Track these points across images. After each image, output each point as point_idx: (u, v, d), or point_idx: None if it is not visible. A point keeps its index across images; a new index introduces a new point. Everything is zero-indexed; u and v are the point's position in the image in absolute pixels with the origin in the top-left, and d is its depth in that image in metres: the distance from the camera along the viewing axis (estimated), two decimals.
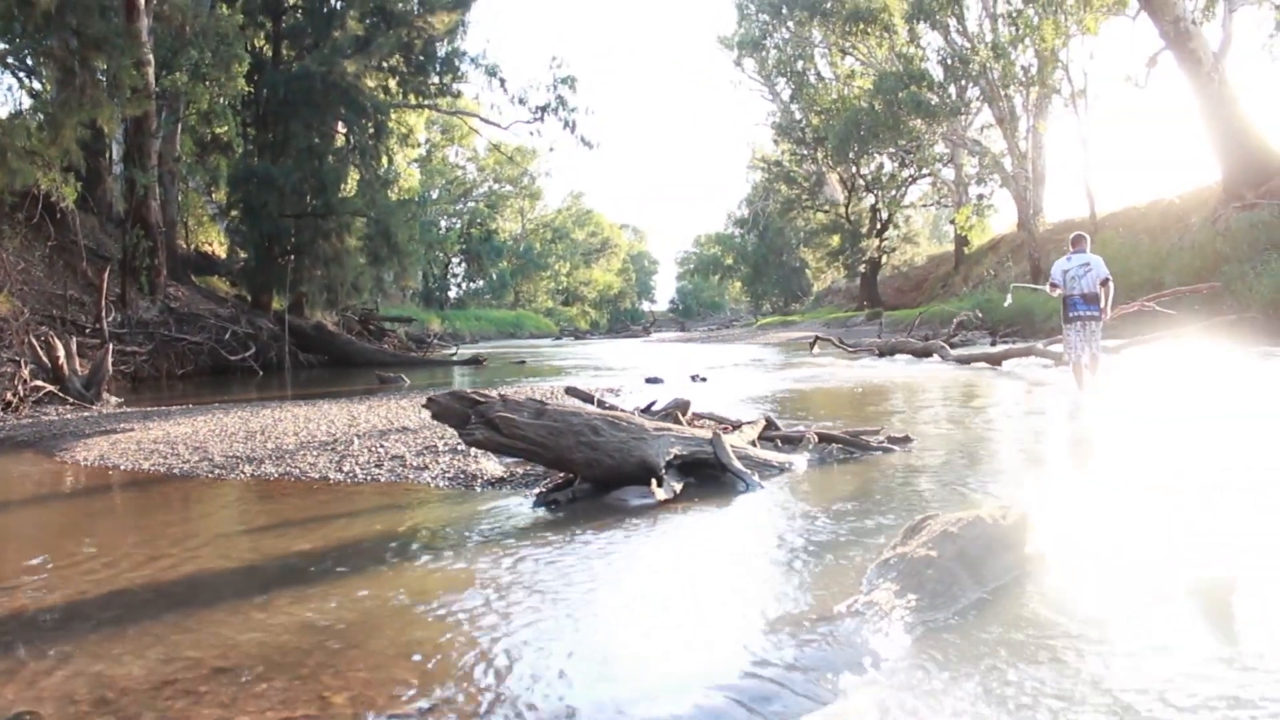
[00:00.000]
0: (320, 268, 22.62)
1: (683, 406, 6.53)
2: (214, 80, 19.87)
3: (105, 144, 19.79)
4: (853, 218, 47.23)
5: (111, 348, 12.55)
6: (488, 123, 33.88)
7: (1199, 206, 23.84)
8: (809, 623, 2.65)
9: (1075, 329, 9.65)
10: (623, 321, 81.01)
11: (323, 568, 3.50)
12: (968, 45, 31.80)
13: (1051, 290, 10.03)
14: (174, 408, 10.43)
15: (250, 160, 22.88)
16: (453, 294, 64.20)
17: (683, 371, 14.73)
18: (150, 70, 17.43)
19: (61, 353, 10.96)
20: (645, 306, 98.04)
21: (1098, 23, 26.93)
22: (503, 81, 29.59)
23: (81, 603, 3.12)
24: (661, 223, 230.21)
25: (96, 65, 15.45)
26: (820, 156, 45.30)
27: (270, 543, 3.98)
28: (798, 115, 46.76)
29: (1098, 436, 7.03)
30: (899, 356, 18.56)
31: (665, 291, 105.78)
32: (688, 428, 5.46)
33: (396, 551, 3.75)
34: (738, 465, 5.00)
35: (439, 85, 28.31)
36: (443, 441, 6.61)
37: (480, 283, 67.07)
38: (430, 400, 4.64)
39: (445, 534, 4.09)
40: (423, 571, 3.44)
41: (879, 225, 46.79)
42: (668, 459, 4.79)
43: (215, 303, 21.19)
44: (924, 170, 42.53)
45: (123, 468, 6.23)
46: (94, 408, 10.49)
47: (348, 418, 8.47)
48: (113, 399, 11.21)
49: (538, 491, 4.84)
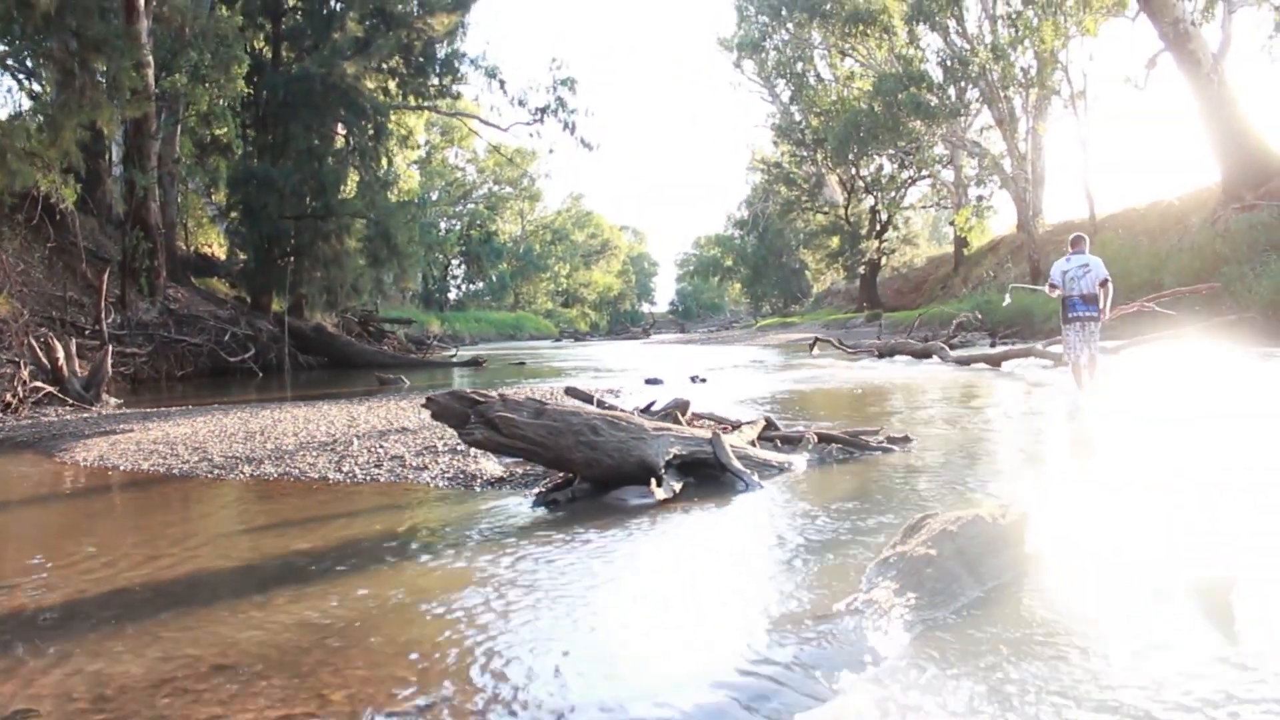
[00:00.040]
0: (320, 269, 22.64)
1: (682, 407, 6.53)
2: (213, 82, 19.89)
3: (105, 145, 19.78)
4: (852, 219, 47.28)
5: (111, 349, 12.56)
6: (487, 124, 33.93)
7: (1198, 208, 23.84)
8: (808, 621, 2.65)
9: (1074, 329, 9.67)
10: (622, 323, 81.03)
11: (322, 567, 3.50)
12: (967, 47, 31.82)
13: (1050, 291, 10.05)
14: (173, 409, 10.43)
15: (250, 162, 22.90)
16: (452, 296, 64.26)
17: (682, 373, 14.72)
18: (150, 72, 17.44)
19: (61, 354, 10.97)
20: (645, 308, 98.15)
21: (1097, 24, 26.94)
22: (502, 83, 29.68)
23: (80, 602, 3.11)
24: (661, 223, 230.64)
25: (96, 67, 15.47)
26: (820, 158, 45.34)
27: (269, 542, 3.97)
28: (797, 117, 46.79)
29: (1097, 437, 7.03)
30: (898, 358, 18.57)
31: (665, 293, 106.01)
32: (687, 428, 5.46)
33: (395, 551, 3.75)
34: (737, 465, 5.00)
35: (439, 87, 28.32)
36: (442, 442, 6.61)
37: (480, 284, 67.12)
38: (430, 400, 4.63)
39: (444, 533, 4.09)
40: (422, 570, 3.44)
41: (878, 227, 46.83)
42: (667, 459, 4.79)
43: (215, 304, 21.19)
44: (923, 172, 42.56)
45: (122, 468, 6.23)
46: (93, 409, 10.50)
47: (347, 418, 8.47)
48: (112, 400, 11.22)
49: (537, 491, 4.84)
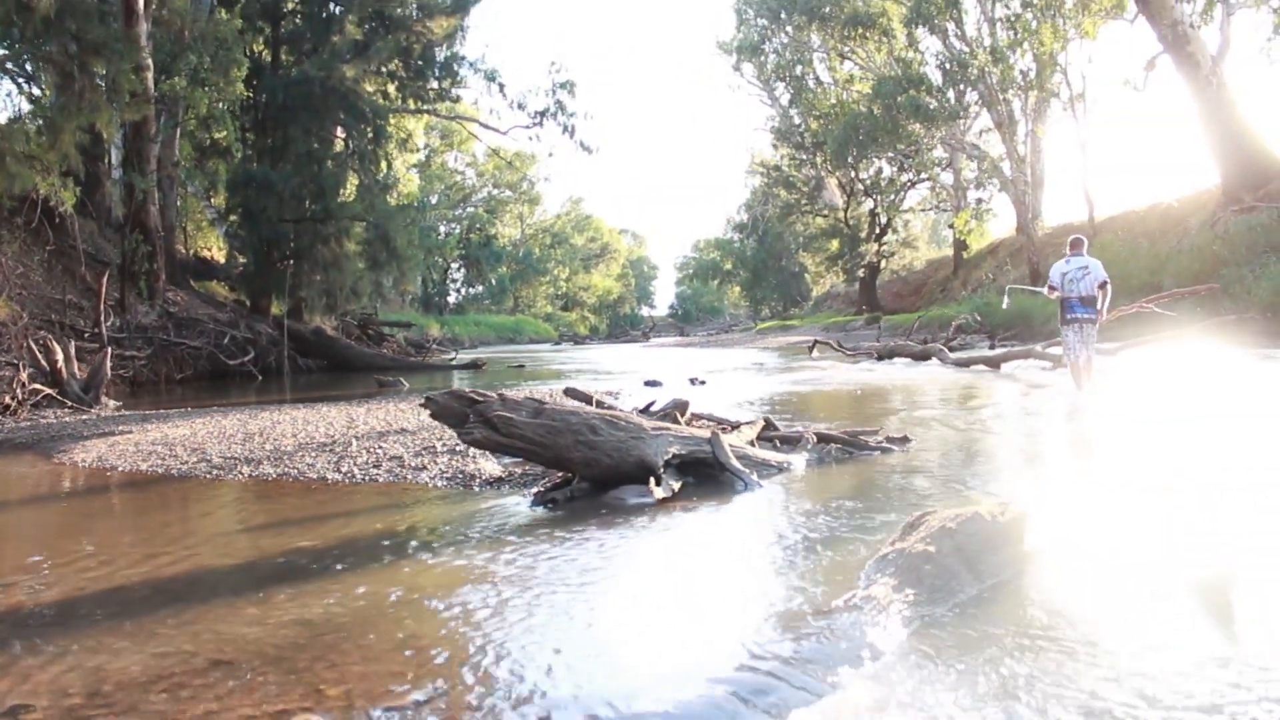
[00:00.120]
0: (319, 273, 22.66)
1: (681, 407, 6.53)
2: (213, 85, 19.88)
3: (104, 149, 19.78)
4: (851, 222, 47.31)
5: (110, 352, 12.54)
6: (487, 127, 33.92)
7: (1198, 210, 23.86)
8: (806, 617, 2.64)
9: (1073, 330, 9.72)
10: (622, 326, 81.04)
11: (320, 565, 3.49)
12: (966, 49, 31.86)
13: (1049, 293, 10.08)
14: (172, 411, 10.42)
15: (249, 165, 22.93)
16: (452, 299, 64.31)
17: (681, 375, 14.73)
18: (149, 75, 17.45)
19: (60, 356, 10.97)
20: (644, 311, 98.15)
21: (1096, 27, 27.00)
22: (502, 86, 29.64)
23: (78, 599, 3.11)
24: (661, 225, 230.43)
25: (95, 70, 15.46)
26: (819, 161, 45.37)
27: (267, 541, 3.97)
28: (797, 120, 46.86)
29: (1096, 437, 7.03)
30: (898, 360, 18.58)
31: (664, 296, 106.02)
32: (686, 428, 5.45)
33: (393, 549, 3.75)
34: (736, 464, 4.99)
35: (438, 90, 28.33)
36: (441, 442, 6.60)
37: (479, 288, 67.17)
38: (428, 400, 4.62)
39: (442, 532, 4.08)
40: (420, 569, 3.44)
41: (878, 230, 46.87)
42: (666, 458, 4.78)
43: (214, 307, 21.19)
44: (923, 175, 42.58)
45: (121, 469, 6.23)
46: (92, 411, 10.49)
47: (346, 420, 8.46)
48: (111, 402, 11.21)
49: (535, 491, 4.83)
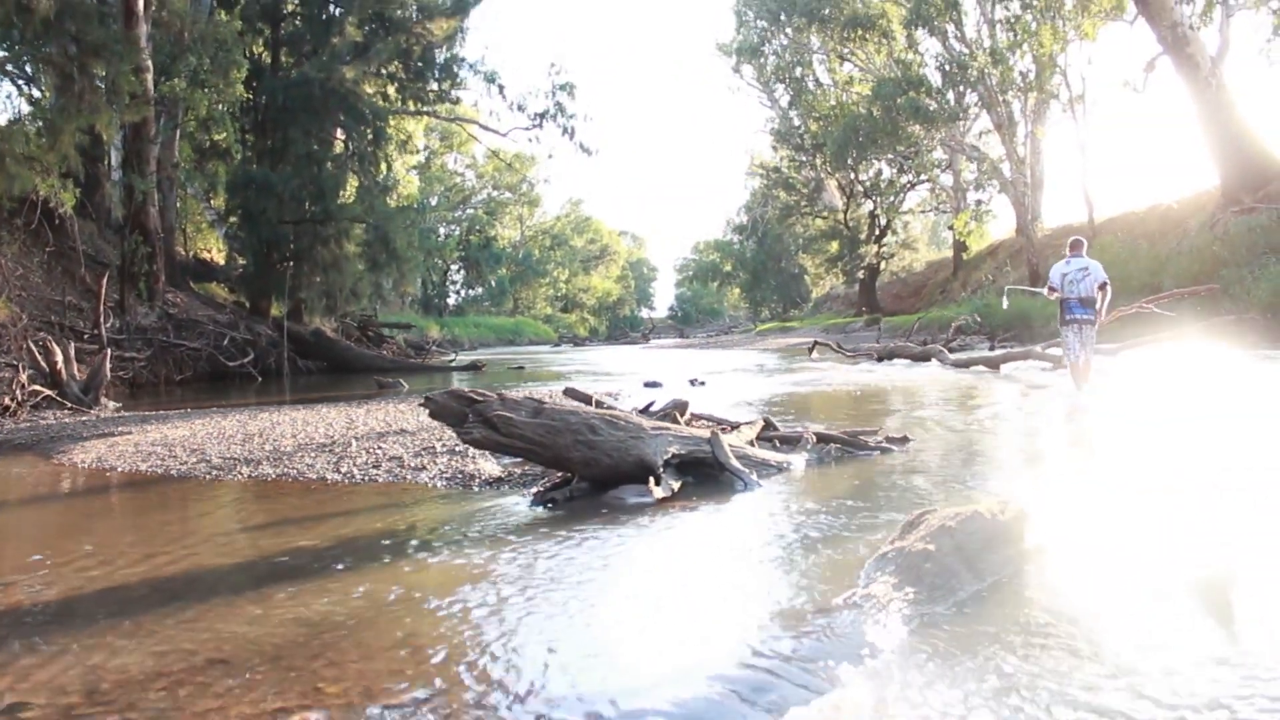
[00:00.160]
0: (319, 274, 22.66)
1: (681, 407, 6.52)
2: (213, 86, 19.90)
3: (104, 150, 19.78)
4: (851, 224, 47.33)
5: (109, 353, 12.54)
6: (486, 129, 33.92)
7: (1197, 211, 23.87)
8: (806, 616, 2.64)
9: (1072, 331, 9.77)
10: (622, 328, 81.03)
11: (319, 565, 3.49)
12: (966, 51, 31.89)
13: (1049, 294, 10.11)
14: (172, 412, 10.43)
15: (249, 166, 22.94)
16: (452, 301, 64.35)
17: (681, 376, 14.73)
18: (149, 76, 17.46)
19: (60, 358, 10.96)
20: (644, 313, 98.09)
21: (1095, 28, 27.02)
22: (501, 88, 29.68)
23: (77, 598, 3.11)
24: (660, 226, 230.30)
25: (95, 71, 15.47)
26: (819, 163, 45.38)
27: (267, 541, 3.96)
28: (796, 121, 46.89)
29: (1096, 437, 7.03)
30: (897, 361, 18.60)
31: (664, 298, 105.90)
32: (685, 427, 5.45)
33: (393, 549, 3.74)
34: (735, 464, 4.99)
35: (438, 92, 28.33)
36: (441, 443, 6.60)
37: (479, 289, 67.20)
38: (428, 399, 4.62)
39: (442, 532, 4.08)
40: (419, 568, 3.43)
41: (878, 231, 46.89)
42: (665, 458, 4.78)
43: (214, 309, 21.20)
44: (922, 176, 42.57)
45: (120, 469, 6.23)
46: (92, 412, 10.49)
47: (346, 421, 8.46)
48: (110, 404, 11.21)
49: (535, 490, 4.83)
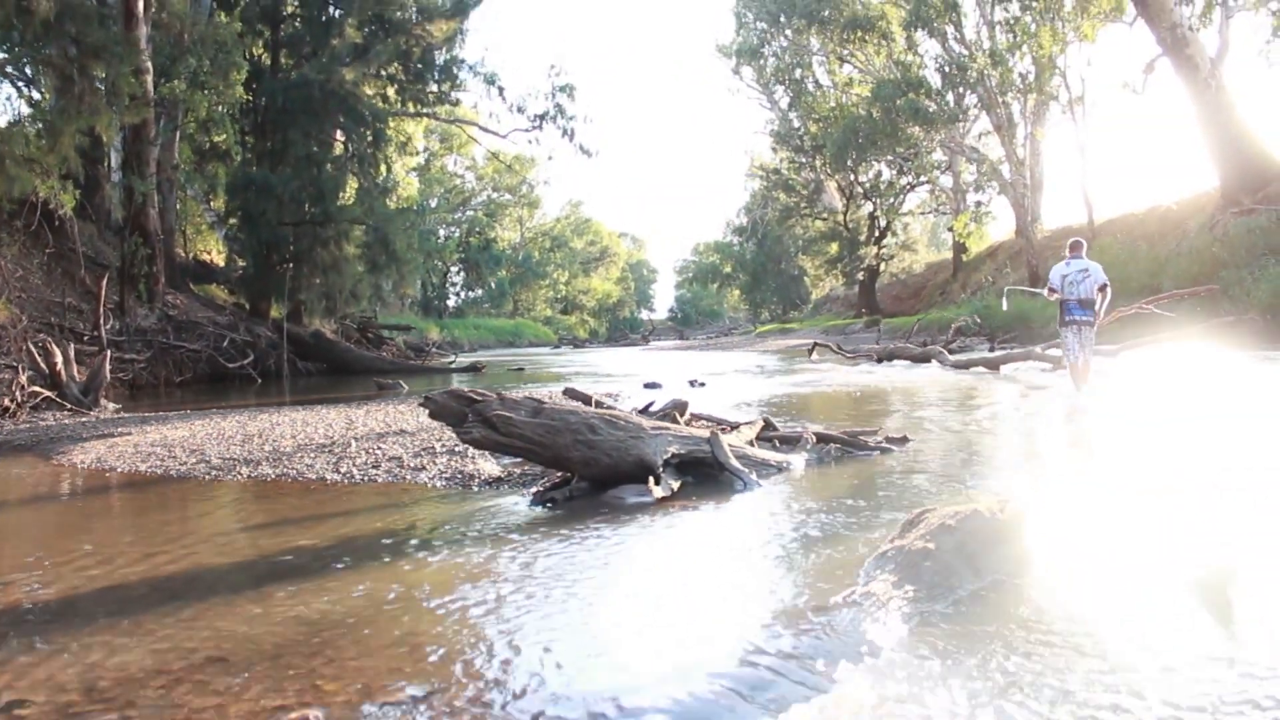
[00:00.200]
0: (319, 275, 22.65)
1: (680, 407, 6.52)
2: (212, 88, 19.91)
3: (104, 152, 19.79)
4: (851, 225, 47.33)
5: (109, 355, 12.54)
6: (486, 131, 33.90)
7: (1197, 212, 23.88)
8: (806, 614, 2.63)
9: (1071, 332, 9.80)
10: (621, 330, 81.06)
11: (319, 564, 3.49)
12: (965, 53, 31.92)
13: (1049, 295, 10.13)
14: (171, 413, 10.42)
15: (249, 168, 22.93)
16: (451, 302, 64.38)
17: (681, 377, 14.72)
18: (149, 78, 17.47)
19: (59, 359, 10.96)
20: (644, 315, 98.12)
21: (1095, 29, 27.04)
22: (501, 90, 29.63)
23: (76, 597, 3.10)
24: (660, 228, 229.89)
25: (95, 73, 15.47)
26: (818, 164, 45.38)
27: (266, 540, 3.96)
28: (796, 123, 46.88)
29: (1096, 437, 7.03)
30: (897, 362, 18.61)
31: (664, 300, 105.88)
32: (685, 427, 5.45)
33: (392, 548, 3.74)
34: (735, 464, 4.99)
35: (437, 93, 28.32)
36: (440, 443, 6.60)
37: (479, 291, 67.23)
38: (427, 399, 4.62)
39: (441, 531, 4.08)
40: (418, 567, 3.43)
41: (877, 233, 46.90)
42: (665, 457, 4.78)
43: (213, 310, 21.19)
44: (922, 178, 42.55)
45: (120, 470, 6.23)
46: (91, 413, 10.48)
47: (345, 422, 8.46)
48: (110, 405, 11.20)
49: (534, 490, 4.83)
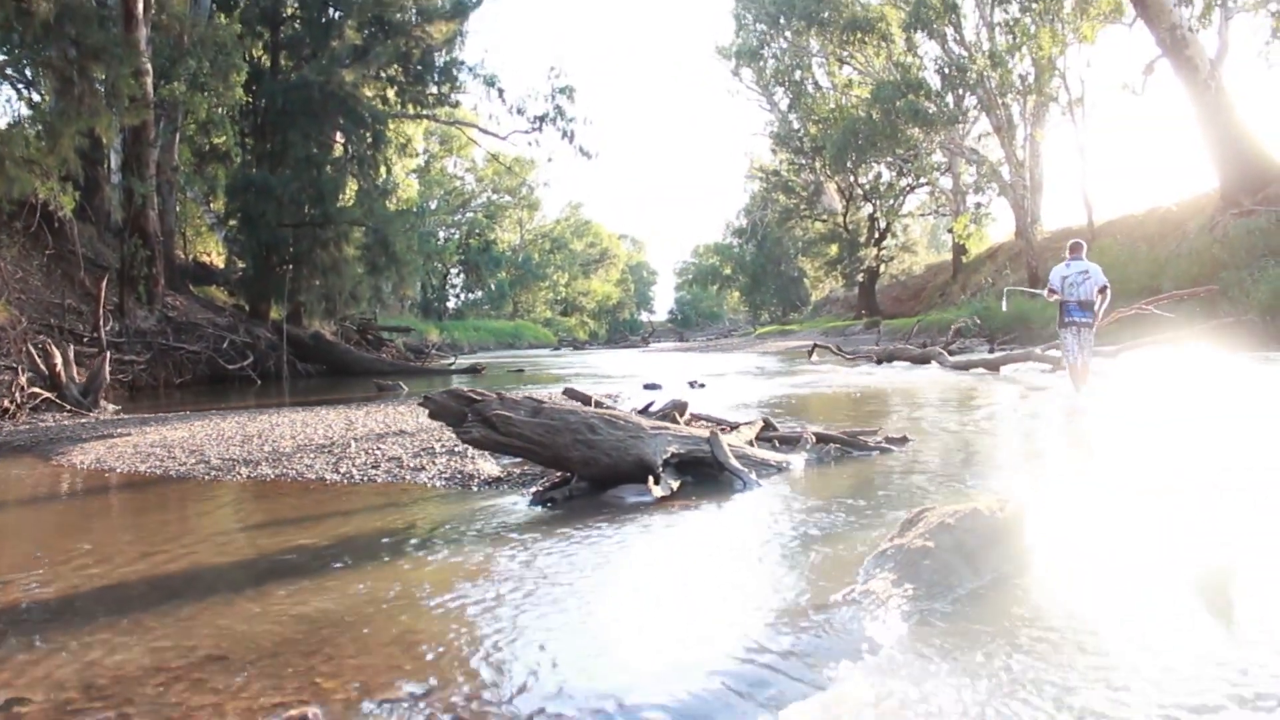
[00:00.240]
0: (318, 277, 22.64)
1: (680, 407, 6.52)
2: (212, 90, 19.92)
3: (103, 153, 19.80)
4: (851, 227, 47.35)
5: (109, 356, 12.53)
6: (486, 133, 33.88)
7: (1196, 214, 23.88)
8: (805, 612, 2.63)
9: (1071, 333, 9.82)
10: (621, 332, 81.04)
11: (318, 563, 3.48)
12: (965, 54, 31.94)
13: (1049, 296, 10.14)
14: (171, 414, 10.42)
15: (248, 170, 22.93)
16: (451, 304, 64.36)
17: (681, 379, 14.72)
18: (148, 80, 17.46)
19: (59, 360, 10.96)
20: (644, 317, 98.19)
21: (1094, 31, 27.06)
22: (501, 91, 29.60)
23: (75, 596, 3.10)
24: (660, 229, 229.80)
25: (95, 75, 15.46)
26: (818, 166, 45.42)
27: (266, 540, 3.96)
28: (796, 125, 46.93)
29: (1095, 438, 7.03)
30: (897, 363, 18.63)
31: (664, 302, 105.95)
32: (685, 427, 5.44)
33: (391, 548, 3.74)
34: (735, 464, 4.99)
35: (437, 95, 28.29)
36: (440, 444, 6.60)
37: (479, 293, 67.22)
38: (427, 399, 4.62)
39: (441, 531, 4.07)
40: (417, 566, 3.43)
41: (877, 234, 46.92)
42: (665, 457, 4.77)
43: (213, 312, 21.18)
44: (922, 179, 42.57)
45: (119, 470, 6.22)
46: (91, 415, 10.48)
47: (345, 423, 8.46)
48: (110, 406, 11.20)
49: (534, 490, 4.83)
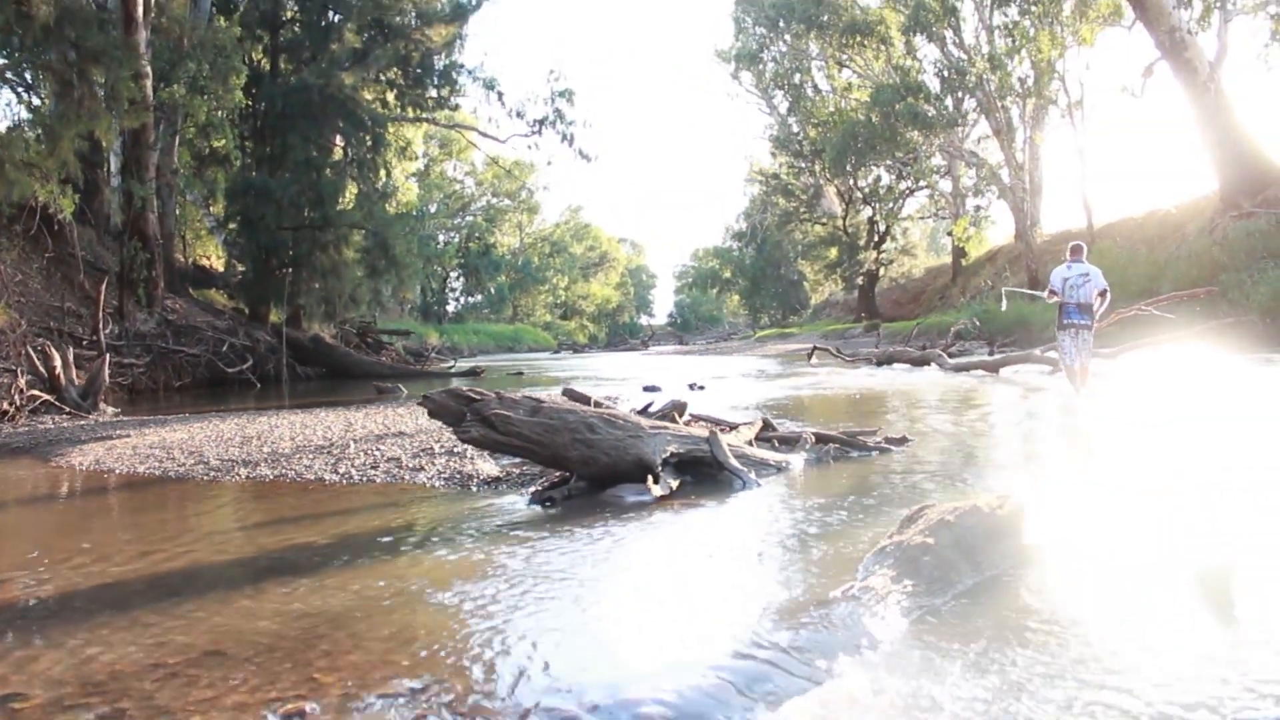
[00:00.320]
0: (318, 280, 22.65)
1: (679, 408, 6.51)
2: (212, 93, 19.93)
3: (103, 156, 19.82)
4: (850, 230, 47.38)
5: (108, 359, 12.52)
6: (485, 136, 33.92)
7: (1196, 216, 23.89)
8: (805, 608, 2.62)
9: (1069, 335, 9.82)
10: (621, 335, 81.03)
11: (316, 561, 3.48)
12: (964, 57, 31.96)
13: (1049, 297, 10.15)
14: (170, 417, 10.41)
15: (248, 173, 22.95)
16: (451, 308, 64.33)
17: (681, 381, 14.72)
18: (148, 83, 17.49)
19: (58, 363, 10.95)
20: (644, 320, 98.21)
21: (1094, 33, 27.09)
22: (500, 95, 29.63)
23: (73, 594, 3.09)
24: (660, 232, 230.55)
25: (94, 78, 15.50)
26: (818, 169, 45.46)
27: (264, 539, 3.96)
28: (795, 128, 46.96)
29: (1095, 438, 7.03)
30: (897, 365, 18.63)
31: (663, 305, 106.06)
32: (684, 427, 5.44)
33: (390, 547, 3.73)
34: (734, 463, 4.98)
35: (437, 98, 28.33)
36: (439, 444, 6.60)
37: (478, 297, 67.20)
38: (426, 398, 4.61)
39: (439, 530, 4.07)
40: (415, 564, 3.42)
41: (876, 237, 46.94)
42: (664, 457, 4.77)
43: (213, 315, 21.19)
44: (921, 182, 42.55)
45: (118, 471, 6.22)
46: (90, 417, 10.47)
47: (344, 424, 8.46)
48: (109, 409, 11.19)
49: (533, 489, 4.82)
